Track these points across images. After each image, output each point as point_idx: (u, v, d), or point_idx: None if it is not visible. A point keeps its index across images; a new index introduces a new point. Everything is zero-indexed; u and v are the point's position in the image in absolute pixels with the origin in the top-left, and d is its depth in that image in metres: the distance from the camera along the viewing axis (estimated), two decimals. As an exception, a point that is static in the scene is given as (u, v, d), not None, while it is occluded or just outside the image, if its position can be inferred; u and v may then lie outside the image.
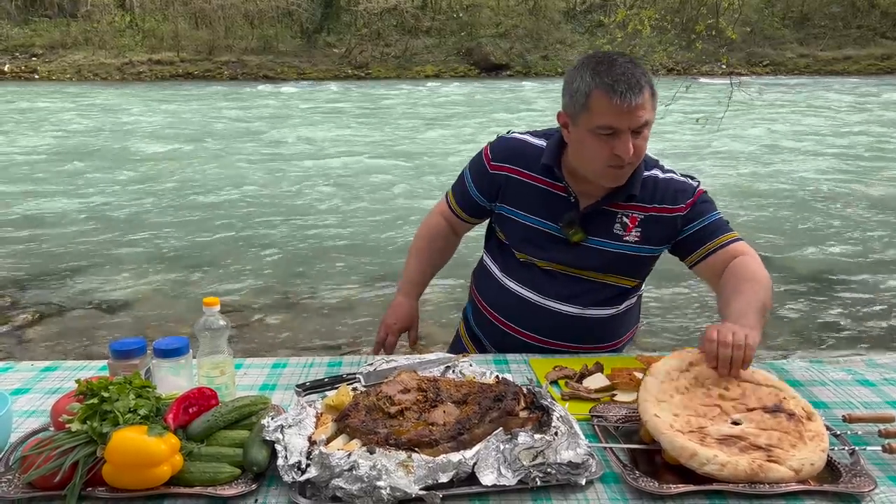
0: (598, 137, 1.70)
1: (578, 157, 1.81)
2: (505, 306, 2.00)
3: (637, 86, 1.65)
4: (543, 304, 1.93)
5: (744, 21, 16.70)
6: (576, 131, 1.76)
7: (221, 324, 1.52)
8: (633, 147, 1.70)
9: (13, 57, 34.97)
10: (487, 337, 2.09)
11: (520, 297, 1.96)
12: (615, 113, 1.65)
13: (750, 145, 13.65)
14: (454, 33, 39.89)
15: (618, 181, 1.80)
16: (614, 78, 1.65)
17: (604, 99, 1.66)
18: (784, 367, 1.81)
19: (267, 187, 10.25)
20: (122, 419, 1.24)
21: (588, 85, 1.68)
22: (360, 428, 1.29)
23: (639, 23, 9.82)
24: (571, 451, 1.25)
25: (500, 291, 2.00)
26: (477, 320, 2.13)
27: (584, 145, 1.75)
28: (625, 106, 1.64)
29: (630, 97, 1.64)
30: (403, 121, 18.04)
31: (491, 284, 2.05)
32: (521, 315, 1.96)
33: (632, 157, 1.71)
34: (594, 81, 1.67)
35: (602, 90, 1.66)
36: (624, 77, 1.65)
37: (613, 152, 1.70)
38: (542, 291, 1.93)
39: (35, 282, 6.26)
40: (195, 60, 36.58)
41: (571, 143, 1.81)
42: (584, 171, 1.82)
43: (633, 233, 1.86)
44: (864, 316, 5.47)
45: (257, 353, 4.71)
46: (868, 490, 1.21)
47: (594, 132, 1.70)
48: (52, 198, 9.51)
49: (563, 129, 1.84)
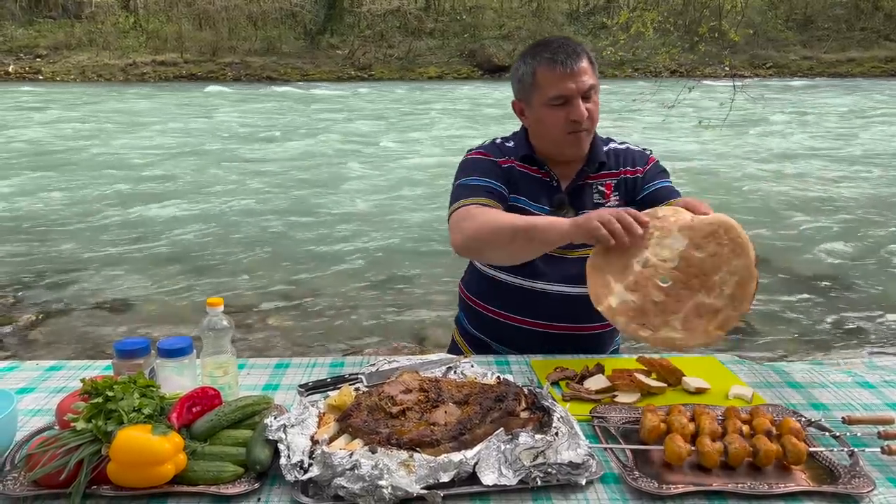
0: (553, 109, 1.84)
1: (539, 134, 1.94)
2: (506, 299, 2.00)
3: (574, 53, 1.82)
4: (550, 289, 1.94)
5: (747, 23, 16.69)
6: (531, 112, 1.91)
7: (225, 324, 1.53)
8: (587, 111, 1.83)
9: (17, 58, 35.06)
10: (490, 335, 2.08)
11: (520, 288, 1.96)
12: (561, 79, 1.80)
13: (752, 146, 13.64)
14: (457, 35, 39.90)
15: (579, 146, 1.91)
16: (552, 51, 1.82)
17: (548, 72, 1.82)
18: (784, 369, 1.82)
19: (273, 189, 10.27)
20: (127, 418, 1.25)
21: (531, 65, 1.86)
22: (362, 427, 1.30)
23: (642, 25, 9.83)
24: (572, 451, 1.25)
25: (497, 287, 2.00)
26: (475, 323, 2.12)
27: (542, 121, 1.89)
28: (568, 71, 1.80)
29: (570, 63, 1.80)
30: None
31: (486, 283, 2.04)
32: (525, 304, 1.97)
33: (587, 122, 1.85)
34: (535, 60, 1.85)
35: (545, 65, 1.82)
36: (561, 48, 1.82)
37: (570, 118, 1.83)
38: (546, 277, 1.94)
39: (40, 282, 6.28)
40: (199, 61, 36.63)
41: (531, 126, 1.96)
42: (547, 147, 1.94)
43: (612, 198, 1.97)
44: (865, 318, 5.47)
45: (260, 353, 4.73)
46: (867, 491, 1.21)
47: (548, 105, 1.84)
48: (58, 197, 9.54)
49: (520, 116, 1.98)
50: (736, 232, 1.55)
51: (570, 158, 1.95)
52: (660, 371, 1.69)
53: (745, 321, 5.43)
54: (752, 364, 1.86)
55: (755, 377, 1.75)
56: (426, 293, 6.05)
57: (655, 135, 14.43)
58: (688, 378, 1.66)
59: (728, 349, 4.80)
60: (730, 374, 1.76)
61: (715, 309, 1.55)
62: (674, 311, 1.56)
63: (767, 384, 1.71)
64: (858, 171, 11.47)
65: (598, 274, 1.63)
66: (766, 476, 1.28)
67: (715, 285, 1.55)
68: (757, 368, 1.82)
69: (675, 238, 1.58)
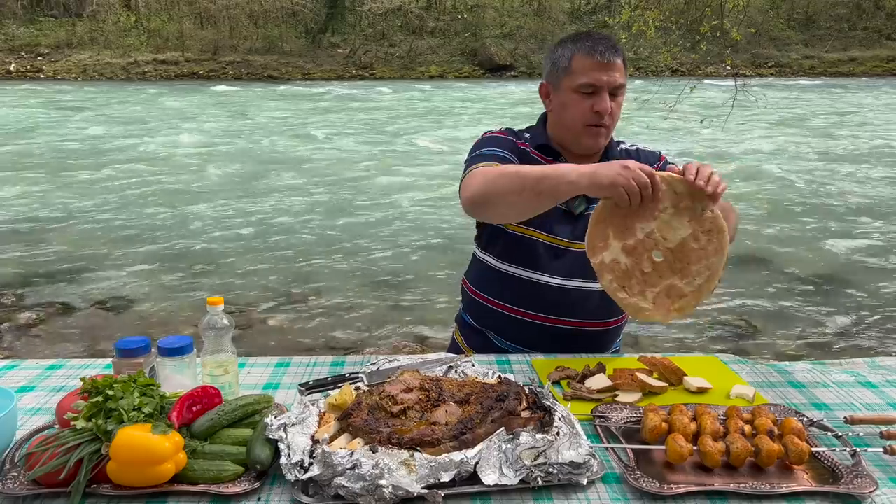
0: (580, 96, 1.87)
1: (560, 121, 1.95)
2: (509, 291, 1.99)
3: (613, 49, 1.86)
4: (553, 283, 1.93)
5: (749, 22, 16.66)
6: (557, 96, 1.94)
7: (225, 323, 1.53)
8: (611, 108, 1.86)
9: (19, 56, 35.09)
10: (491, 326, 2.07)
11: (523, 280, 1.95)
12: (596, 69, 1.84)
13: (754, 146, 13.63)
14: (458, 34, 39.89)
15: (596, 141, 1.93)
16: (594, 41, 1.87)
17: (586, 59, 1.85)
18: (786, 369, 1.81)
19: (272, 188, 10.27)
20: (127, 417, 1.24)
21: (570, 50, 1.89)
22: (362, 427, 1.30)
23: (643, 24, 9.81)
24: (573, 450, 1.25)
25: (501, 279, 2.00)
26: (477, 316, 2.12)
27: (566, 106, 1.91)
28: (605, 62, 1.84)
29: (608, 55, 1.84)
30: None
31: (490, 275, 2.03)
32: (528, 296, 1.96)
33: (608, 119, 1.88)
34: (575, 46, 1.89)
35: (583, 52, 1.86)
36: (602, 41, 1.87)
37: (594, 109, 1.86)
38: (550, 270, 1.94)
39: (41, 280, 6.28)
40: (200, 60, 36.64)
41: (554, 110, 1.98)
42: (564, 136, 1.97)
43: None
44: (867, 318, 5.46)
45: (261, 352, 4.72)
46: (869, 491, 1.21)
47: (576, 91, 1.87)
48: (57, 196, 9.54)
49: (544, 99, 2.00)
50: (724, 236, 1.65)
51: (584, 151, 1.96)
52: (661, 371, 1.68)
53: (746, 320, 5.43)
54: (753, 364, 1.85)
55: (757, 377, 1.75)
56: (427, 293, 6.05)
57: (656, 135, 14.41)
58: (689, 378, 1.66)
59: (729, 349, 4.80)
60: (731, 373, 1.75)
61: (682, 294, 1.68)
62: (652, 285, 1.68)
63: (769, 384, 1.71)
64: (862, 169, 11.46)
65: (601, 226, 1.67)
66: (767, 476, 1.27)
67: (690, 274, 1.66)
68: (759, 368, 1.81)
69: (682, 225, 1.64)
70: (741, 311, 5.60)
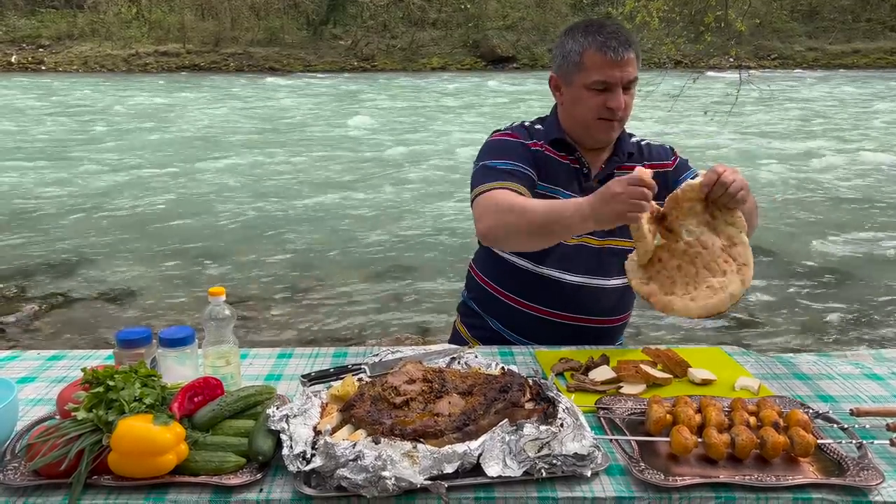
0: (592, 93, 1.83)
1: (571, 115, 1.92)
2: (514, 283, 1.98)
3: (626, 42, 1.80)
4: (560, 277, 1.92)
5: (752, 13, 16.55)
6: (569, 91, 1.89)
7: (227, 313, 1.52)
8: (624, 102, 1.83)
9: (20, 48, 35.00)
10: (494, 314, 2.06)
11: (530, 272, 1.94)
12: (608, 67, 1.79)
13: (756, 139, 13.58)
14: (461, 25, 39.73)
15: (608, 135, 1.90)
16: (605, 36, 1.80)
17: (597, 56, 1.80)
18: (792, 361, 1.80)
19: (275, 179, 10.26)
20: (128, 408, 1.24)
21: (581, 45, 1.83)
22: (365, 418, 1.29)
23: (647, 14, 9.76)
24: (577, 442, 1.24)
25: (507, 270, 1.98)
26: (480, 300, 2.10)
27: (578, 102, 1.87)
28: (618, 59, 1.78)
29: (621, 51, 1.79)
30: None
31: (497, 264, 2.01)
32: (534, 289, 1.95)
33: (622, 112, 1.84)
34: (586, 41, 1.82)
35: (595, 48, 1.80)
36: (614, 35, 1.80)
37: (607, 105, 1.82)
38: (557, 265, 1.92)
39: (43, 272, 6.29)
40: (201, 52, 36.53)
41: (564, 104, 1.94)
42: (576, 129, 1.93)
43: None
44: (873, 310, 5.45)
45: (263, 343, 4.72)
46: (875, 483, 1.20)
47: (589, 87, 1.83)
48: (58, 187, 9.54)
49: (554, 92, 1.96)
50: (748, 270, 1.73)
51: (596, 145, 1.94)
52: (666, 362, 1.67)
53: (751, 312, 5.42)
54: (758, 355, 1.85)
55: (762, 368, 1.74)
56: (430, 284, 6.05)
57: (660, 127, 14.37)
58: (694, 369, 1.65)
59: (734, 340, 4.79)
60: (736, 365, 1.75)
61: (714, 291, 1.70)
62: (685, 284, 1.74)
63: (774, 376, 1.70)
64: (867, 161, 11.42)
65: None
66: (773, 468, 1.26)
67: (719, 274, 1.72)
68: (763, 360, 1.81)
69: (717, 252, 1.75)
70: (746, 302, 5.59)
